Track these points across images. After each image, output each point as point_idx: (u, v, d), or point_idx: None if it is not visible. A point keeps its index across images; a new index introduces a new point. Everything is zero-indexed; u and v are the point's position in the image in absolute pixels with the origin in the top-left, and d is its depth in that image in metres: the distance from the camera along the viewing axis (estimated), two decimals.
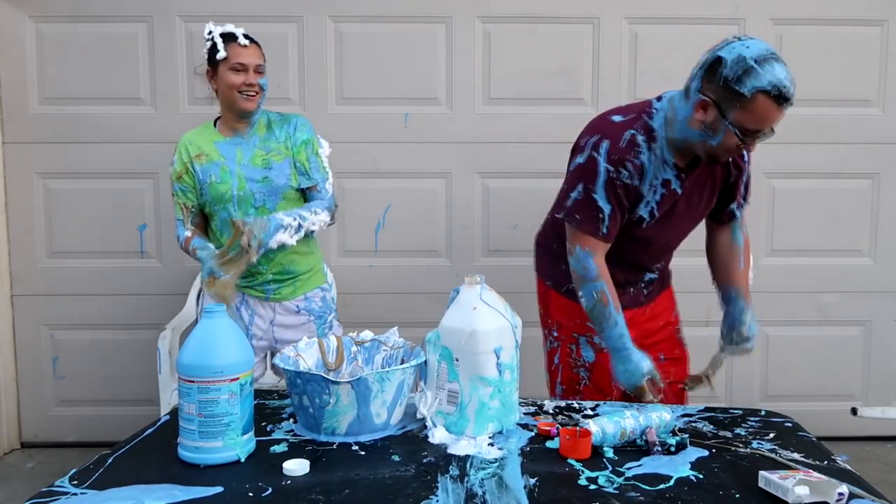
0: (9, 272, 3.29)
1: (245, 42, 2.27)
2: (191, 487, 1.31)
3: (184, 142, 2.33)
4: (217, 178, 2.25)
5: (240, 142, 2.30)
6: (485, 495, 1.30)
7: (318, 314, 2.38)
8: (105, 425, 3.26)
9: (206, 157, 2.28)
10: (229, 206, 2.26)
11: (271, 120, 2.34)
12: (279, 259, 2.29)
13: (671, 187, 1.87)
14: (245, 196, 2.26)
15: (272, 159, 2.28)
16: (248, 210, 2.26)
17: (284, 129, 2.32)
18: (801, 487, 1.24)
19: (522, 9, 3.20)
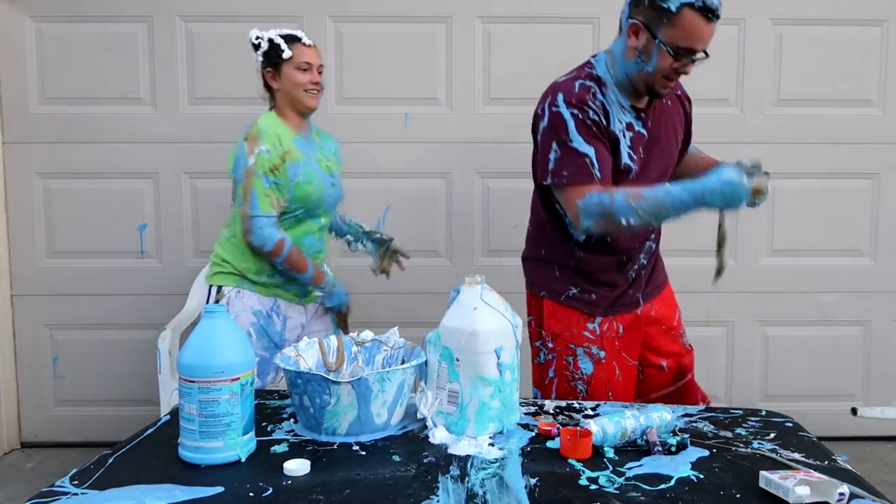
0: (9, 272, 3.29)
1: (309, 42, 2.33)
2: (191, 487, 1.31)
3: (272, 131, 2.23)
4: (304, 178, 2.25)
5: (310, 142, 2.35)
6: (485, 495, 1.30)
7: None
8: (105, 425, 3.26)
9: (292, 155, 2.24)
10: (310, 207, 2.29)
11: (315, 130, 2.42)
12: (321, 259, 2.41)
13: (636, 129, 1.86)
14: (323, 198, 2.32)
15: (332, 167, 2.39)
16: (321, 214, 2.34)
17: (331, 143, 2.45)
18: (802, 487, 1.24)
19: (522, 9, 3.20)
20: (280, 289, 2.32)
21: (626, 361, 2.00)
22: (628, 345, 2.00)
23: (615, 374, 1.97)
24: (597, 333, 1.97)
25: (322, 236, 2.40)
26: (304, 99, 2.29)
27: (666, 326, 2.09)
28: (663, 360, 2.07)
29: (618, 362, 1.98)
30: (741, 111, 3.24)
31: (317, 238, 2.37)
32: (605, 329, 1.97)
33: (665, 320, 2.09)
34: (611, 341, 1.98)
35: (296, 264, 2.25)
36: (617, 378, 1.98)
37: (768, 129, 3.25)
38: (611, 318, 1.98)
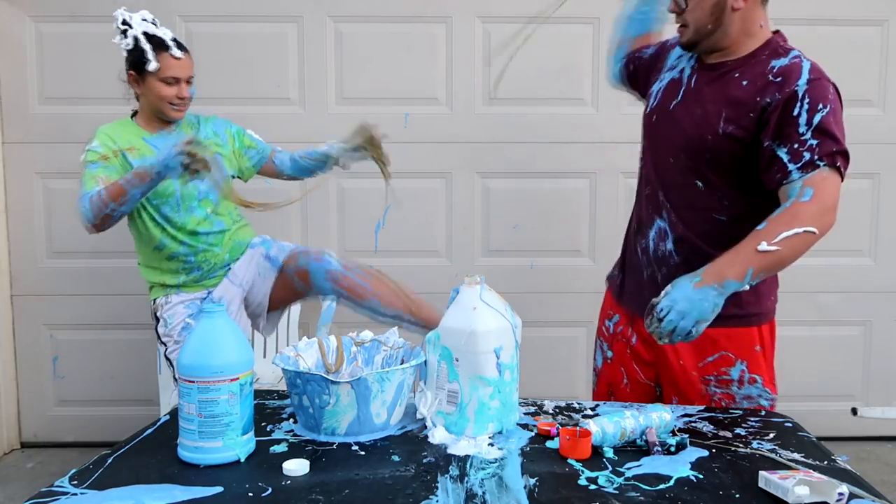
0: (9, 272, 3.29)
1: (179, 54, 2.19)
2: (191, 487, 1.31)
3: (105, 132, 2.22)
4: None
5: (169, 138, 2.23)
6: (485, 495, 1.29)
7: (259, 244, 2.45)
8: (105, 425, 3.26)
9: (139, 151, 2.20)
10: (171, 200, 2.24)
11: (191, 120, 2.34)
12: (228, 237, 2.36)
13: (683, 75, 1.76)
14: (189, 191, 2.23)
15: None
16: (191, 204, 2.26)
17: (210, 128, 2.34)
18: (802, 487, 1.24)
19: (522, 9, 3.20)
20: (204, 281, 2.35)
21: (639, 376, 1.88)
22: (646, 361, 1.84)
23: (621, 381, 1.90)
24: (609, 332, 1.90)
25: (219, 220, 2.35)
26: (168, 112, 2.21)
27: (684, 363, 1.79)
28: (674, 397, 1.82)
29: (627, 371, 1.89)
30: None
31: (210, 224, 2.32)
32: (618, 330, 1.89)
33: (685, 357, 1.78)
34: (621, 346, 1.87)
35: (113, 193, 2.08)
36: (624, 387, 1.90)
37: None
38: (627, 322, 1.86)
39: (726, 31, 1.66)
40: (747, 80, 1.65)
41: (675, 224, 1.75)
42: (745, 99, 1.63)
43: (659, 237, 1.78)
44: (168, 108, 2.20)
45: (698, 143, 1.67)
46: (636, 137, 2.02)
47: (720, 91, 1.67)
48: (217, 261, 2.37)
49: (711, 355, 1.77)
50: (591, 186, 3.28)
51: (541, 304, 3.28)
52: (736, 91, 1.65)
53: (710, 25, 1.65)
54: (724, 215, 1.71)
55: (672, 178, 1.75)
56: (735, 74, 1.66)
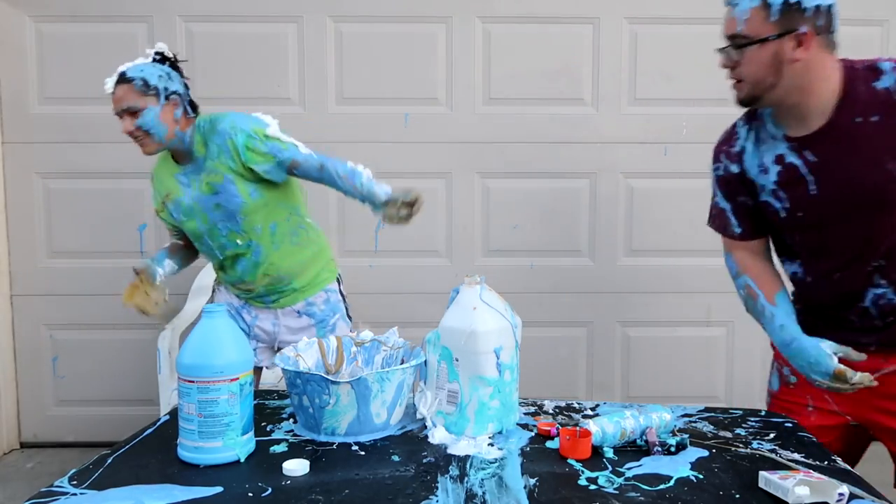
0: (9, 272, 3.29)
1: (111, 88, 2.08)
2: (190, 487, 1.31)
3: (155, 178, 2.22)
4: (185, 216, 2.14)
5: (192, 169, 2.11)
6: (485, 495, 1.29)
7: (320, 318, 2.26)
8: (105, 425, 3.26)
9: (172, 194, 2.15)
10: (204, 241, 2.16)
11: (204, 134, 2.08)
12: (263, 271, 2.15)
13: (786, 161, 1.57)
14: (211, 229, 2.12)
15: (214, 181, 2.06)
16: (220, 242, 2.13)
17: (215, 142, 2.05)
18: (802, 488, 1.24)
19: (522, 9, 3.20)
20: (248, 298, 2.25)
21: (829, 406, 1.69)
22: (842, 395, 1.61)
23: (805, 406, 1.71)
24: None
25: (256, 250, 2.13)
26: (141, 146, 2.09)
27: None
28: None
29: (814, 400, 1.70)
30: (741, 111, 3.23)
31: (249, 257, 2.14)
32: None
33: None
34: None
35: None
36: (808, 414, 1.70)
37: None
38: None
39: (787, 84, 1.51)
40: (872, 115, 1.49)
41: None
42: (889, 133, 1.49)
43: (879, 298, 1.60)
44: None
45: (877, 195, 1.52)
46: (636, 137, 2.01)
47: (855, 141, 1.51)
48: (252, 289, 2.22)
49: None
50: (591, 186, 3.28)
51: (541, 304, 3.28)
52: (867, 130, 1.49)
53: (770, 79, 1.51)
54: None
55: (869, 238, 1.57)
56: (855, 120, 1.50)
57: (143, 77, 2.04)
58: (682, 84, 3.18)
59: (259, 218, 2.10)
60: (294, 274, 2.20)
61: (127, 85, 2.04)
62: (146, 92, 2.03)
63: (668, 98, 3.20)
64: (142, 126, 2.03)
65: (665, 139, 3.22)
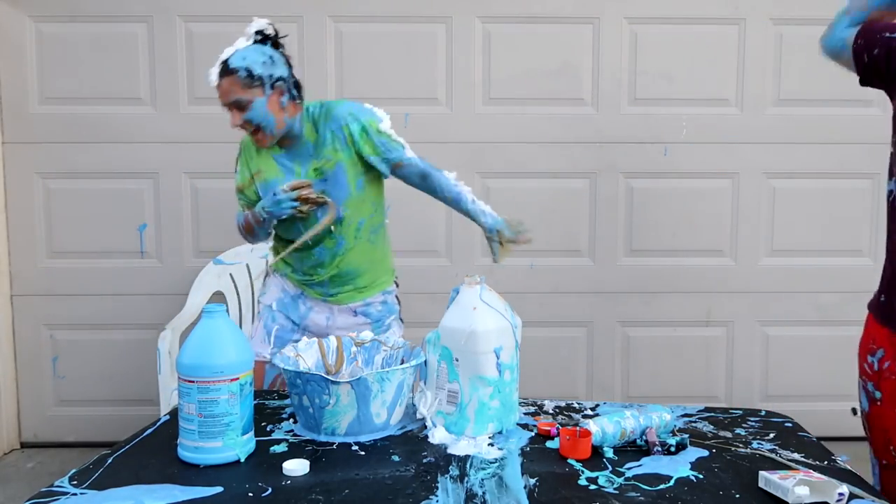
0: (9, 272, 3.29)
1: (215, 80, 1.97)
2: (190, 487, 1.31)
3: (246, 149, 2.10)
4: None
5: (297, 153, 2.04)
6: (485, 495, 1.29)
7: (376, 318, 2.19)
8: (105, 425, 3.26)
9: (264, 173, 2.05)
10: (294, 226, 2.06)
11: (315, 119, 2.04)
12: (337, 262, 2.10)
13: None
14: (308, 218, 2.03)
15: (325, 168, 2.02)
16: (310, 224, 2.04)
17: (329, 128, 2.02)
18: (802, 487, 1.24)
19: (522, 9, 3.20)
20: (306, 286, 2.16)
21: None
22: None
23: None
24: (874, 369, 1.57)
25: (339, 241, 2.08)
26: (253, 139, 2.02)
27: None
28: None
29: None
30: (741, 111, 3.23)
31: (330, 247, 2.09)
32: (884, 367, 1.55)
33: None
34: (892, 384, 1.54)
35: (246, 227, 2.10)
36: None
37: (768, 129, 3.24)
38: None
39: None
40: None
41: None
42: None
43: None
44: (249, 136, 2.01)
45: None
46: (636, 137, 2.00)
47: None
48: (317, 277, 2.14)
49: None
50: (591, 186, 3.28)
51: (541, 304, 3.28)
52: None
53: None
54: None
55: None
56: None
57: (247, 67, 1.94)
58: (682, 84, 3.18)
59: (355, 212, 2.07)
60: (361, 271, 2.15)
61: (231, 77, 1.94)
62: (252, 83, 1.94)
63: (668, 98, 3.20)
64: (251, 120, 1.95)
65: (665, 139, 3.22)
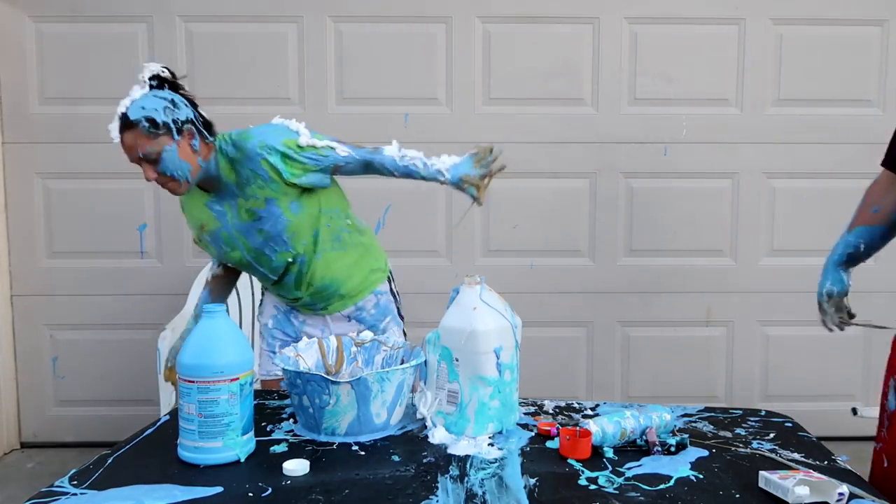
0: (9, 272, 3.29)
1: (116, 137, 1.86)
2: (191, 487, 1.31)
3: (185, 207, 2.01)
4: (227, 247, 1.95)
5: (223, 195, 1.92)
6: (485, 495, 1.29)
7: (370, 324, 2.09)
8: (105, 425, 3.26)
9: (207, 225, 1.96)
10: (252, 268, 1.99)
11: (229, 157, 1.88)
12: (308, 281, 1.99)
13: None
14: (258, 256, 1.94)
15: (255, 207, 1.88)
16: (272, 266, 1.96)
17: (246, 167, 1.86)
18: (802, 487, 1.24)
19: (522, 9, 3.20)
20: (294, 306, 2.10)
21: None
22: None
23: None
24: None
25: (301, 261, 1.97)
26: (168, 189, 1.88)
27: None
28: None
29: None
30: (741, 111, 3.23)
31: (293, 271, 1.98)
32: None
33: None
34: None
35: None
36: None
37: (768, 129, 3.24)
38: None
39: None
40: None
41: None
42: None
43: None
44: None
45: None
46: (636, 137, 2.01)
47: None
48: (298, 298, 2.05)
49: None
50: (591, 186, 3.28)
51: (541, 304, 3.28)
52: None
53: None
54: None
55: None
56: None
57: (147, 116, 1.80)
58: (682, 84, 3.18)
59: (303, 231, 1.95)
60: (340, 280, 2.03)
61: (134, 131, 1.82)
62: (157, 133, 1.80)
63: (668, 98, 3.20)
64: (164, 171, 1.81)
65: (665, 139, 3.22)
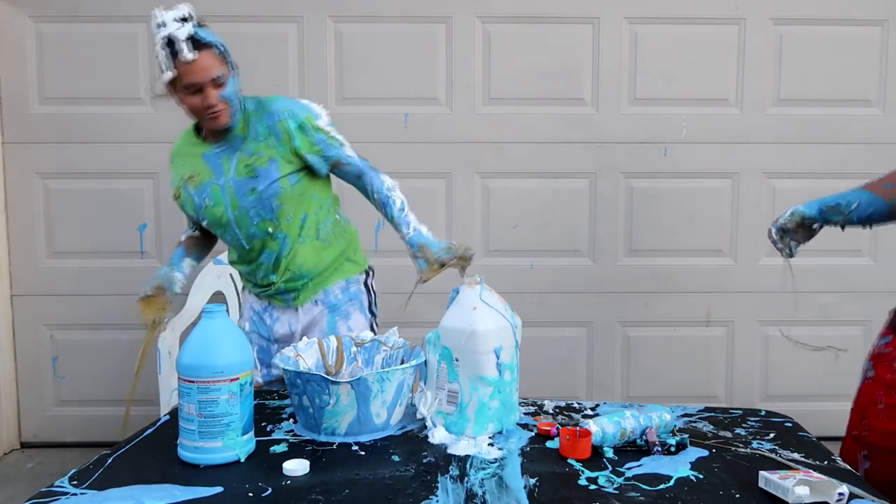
0: (9, 272, 3.29)
1: (189, 56, 1.79)
2: (191, 487, 1.31)
3: (175, 158, 2.03)
4: (210, 201, 1.95)
5: (225, 148, 1.94)
6: (485, 495, 1.29)
7: (332, 304, 2.09)
8: (105, 425, 3.26)
9: (197, 177, 1.96)
10: (229, 229, 1.98)
11: (248, 113, 1.94)
12: (285, 265, 2.01)
13: None
14: (241, 217, 1.95)
15: (256, 164, 1.91)
16: (249, 231, 1.97)
17: (264, 123, 1.92)
18: (801, 487, 1.24)
19: (522, 9, 3.20)
20: (269, 297, 2.10)
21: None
22: None
23: (876, 404, 1.64)
24: (876, 350, 1.68)
25: (283, 241, 1.99)
26: (207, 123, 1.89)
27: None
28: None
29: (885, 396, 1.62)
30: (741, 111, 3.23)
31: (274, 249, 2.00)
32: (886, 351, 1.65)
33: None
34: (884, 367, 1.63)
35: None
36: (878, 409, 1.62)
37: (768, 129, 3.24)
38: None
39: None
40: None
41: None
42: None
43: None
44: (205, 120, 1.88)
45: None
46: (636, 137, 2.01)
47: None
48: (271, 283, 2.06)
49: None
50: (591, 186, 3.28)
51: (541, 304, 3.28)
52: None
53: None
54: None
55: None
56: None
57: (221, 42, 1.84)
58: (682, 84, 3.18)
59: (292, 207, 1.97)
60: (316, 272, 2.05)
61: (208, 52, 1.81)
62: (225, 58, 1.84)
63: (668, 98, 3.20)
64: (227, 97, 1.83)
65: (665, 139, 3.22)
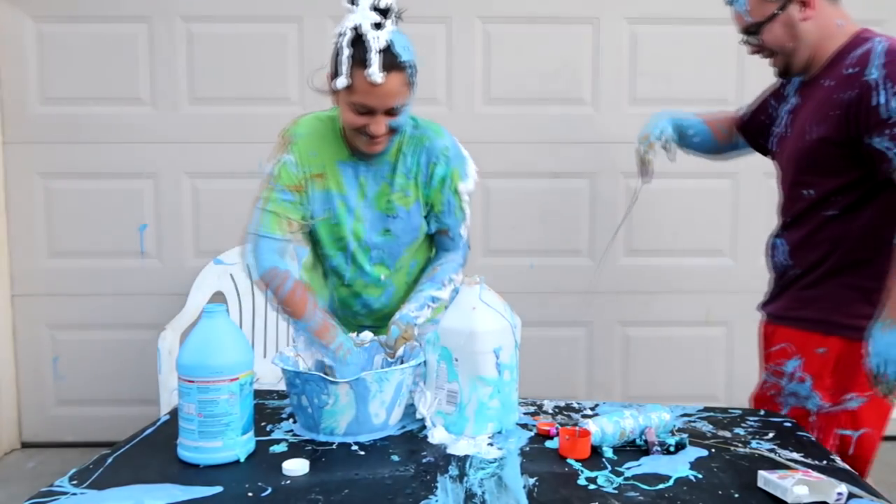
0: (9, 272, 3.29)
1: (378, 78, 1.50)
2: (190, 487, 1.31)
3: (303, 143, 1.67)
4: (333, 217, 1.67)
5: (371, 167, 1.66)
6: (484, 495, 1.30)
7: None
8: (105, 425, 3.26)
9: (326, 180, 1.64)
10: (340, 255, 1.70)
11: (403, 138, 1.66)
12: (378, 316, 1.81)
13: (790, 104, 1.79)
14: (361, 249, 1.69)
15: (397, 203, 1.67)
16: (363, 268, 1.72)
17: (417, 157, 1.66)
18: (800, 487, 1.24)
19: (522, 9, 3.20)
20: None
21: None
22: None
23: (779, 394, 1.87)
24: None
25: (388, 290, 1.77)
26: (359, 143, 1.61)
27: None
28: None
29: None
30: None
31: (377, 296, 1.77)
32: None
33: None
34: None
35: (293, 306, 1.59)
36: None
37: None
38: None
39: (807, 42, 1.68)
40: (830, 79, 1.65)
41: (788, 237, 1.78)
42: (827, 99, 1.63)
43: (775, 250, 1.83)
44: (359, 142, 1.60)
45: (797, 154, 1.71)
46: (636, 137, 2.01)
47: (811, 100, 1.71)
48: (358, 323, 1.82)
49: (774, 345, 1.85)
50: (591, 186, 3.28)
51: (541, 304, 3.28)
52: (820, 93, 1.67)
53: (790, 44, 1.69)
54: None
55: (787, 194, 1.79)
56: (822, 81, 1.68)
57: (414, 62, 1.57)
58: (682, 84, 3.18)
59: (411, 257, 1.77)
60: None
61: (401, 74, 1.53)
62: (412, 82, 1.57)
63: (668, 98, 3.19)
64: (397, 126, 1.57)
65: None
